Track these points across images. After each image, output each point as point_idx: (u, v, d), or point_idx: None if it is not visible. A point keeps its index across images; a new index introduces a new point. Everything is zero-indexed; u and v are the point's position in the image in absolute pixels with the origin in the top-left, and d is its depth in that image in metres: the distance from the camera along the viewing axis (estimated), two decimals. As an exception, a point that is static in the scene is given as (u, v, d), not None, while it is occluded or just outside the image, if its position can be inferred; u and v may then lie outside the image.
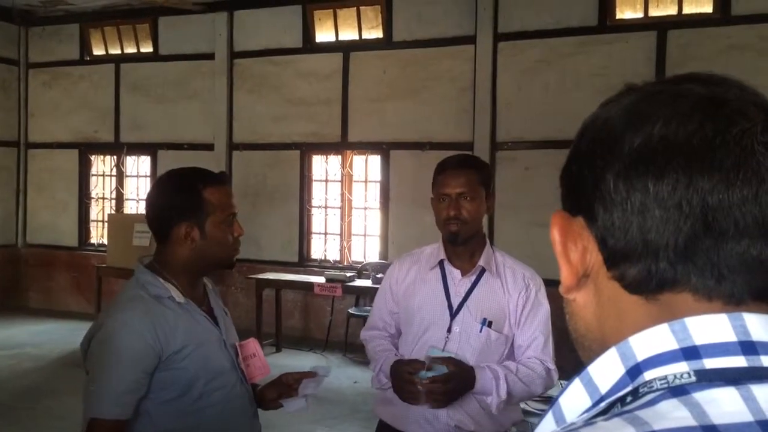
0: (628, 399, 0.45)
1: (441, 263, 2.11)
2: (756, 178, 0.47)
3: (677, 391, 0.43)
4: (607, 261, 0.52)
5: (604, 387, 0.47)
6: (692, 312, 0.47)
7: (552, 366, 2.05)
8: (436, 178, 2.07)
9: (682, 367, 0.45)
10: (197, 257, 1.75)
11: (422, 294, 2.10)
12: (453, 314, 2.05)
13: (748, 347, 0.45)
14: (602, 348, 0.50)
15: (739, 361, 0.44)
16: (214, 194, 1.75)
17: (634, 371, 0.46)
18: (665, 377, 0.44)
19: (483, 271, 2.07)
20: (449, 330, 2.04)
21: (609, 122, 0.53)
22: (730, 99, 0.50)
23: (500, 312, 2.05)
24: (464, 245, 2.06)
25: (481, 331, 2.02)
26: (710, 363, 0.44)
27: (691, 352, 0.45)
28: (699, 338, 0.45)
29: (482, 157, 6.52)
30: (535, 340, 2.05)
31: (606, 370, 0.48)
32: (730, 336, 0.45)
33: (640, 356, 0.46)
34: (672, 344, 0.46)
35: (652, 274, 0.49)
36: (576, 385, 0.49)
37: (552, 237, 0.55)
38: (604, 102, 0.57)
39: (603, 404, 0.46)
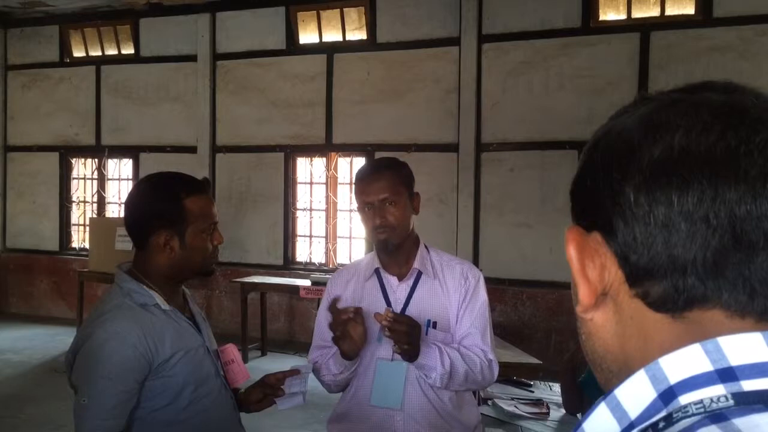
0: (661, 425, 0.42)
1: (377, 272, 2.07)
2: None
3: (716, 417, 0.41)
4: (629, 278, 0.49)
5: (633, 412, 0.44)
6: (724, 330, 0.45)
7: (492, 357, 2.01)
8: (357, 186, 2.01)
9: (718, 390, 0.42)
10: (176, 266, 1.72)
11: (363, 306, 2.03)
12: None
13: None
14: (623, 369, 0.48)
15: None
16: (196, 203, 1.71)
17: (668, 395, 0.44)
18: (701, 401, 0.42)
19: (420, 273, 2.04)
20: None
21: (625, 133, 0.51)
22: (749, 107, 0.48)
23: (443, 311, 2.02)
24: (398, 250, 2.02)
25: (426, 333, 1.98)
26: (748, 385, 0.42)
27: (727, 374, 0.43)
28: (734, 359, 0.43)
29: (467, 159, 6.63)
30: (474, 330, 2.01)
31: (635, 393, 0.45)
32: (766, 356, 0.43)
33: (673, 379, 0.44)
34: (706, 365, 0.43)
35: (680, 291, 0.47)
36: (602, 410, 0.46)
37: (568, 254, 0.53)
38: (616, 113, 0.55)
39: (635, 431, 0.44)
